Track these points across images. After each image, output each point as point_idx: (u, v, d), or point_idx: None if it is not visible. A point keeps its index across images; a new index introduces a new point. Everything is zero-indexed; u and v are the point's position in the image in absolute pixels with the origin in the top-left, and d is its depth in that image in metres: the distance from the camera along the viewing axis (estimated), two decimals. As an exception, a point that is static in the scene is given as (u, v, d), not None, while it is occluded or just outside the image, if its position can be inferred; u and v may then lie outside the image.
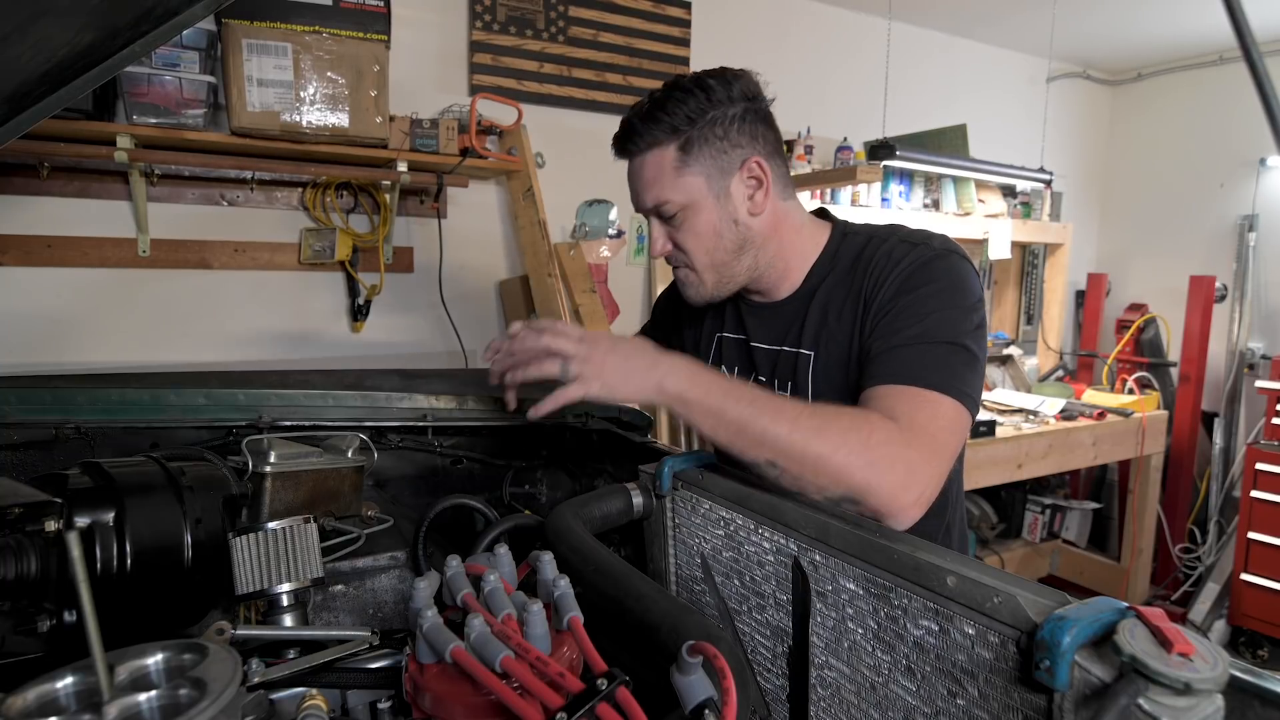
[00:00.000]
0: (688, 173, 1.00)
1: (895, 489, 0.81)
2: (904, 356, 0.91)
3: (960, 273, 0.97)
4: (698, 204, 1.02)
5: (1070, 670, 0.50)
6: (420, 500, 1.33)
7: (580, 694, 0.53)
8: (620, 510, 0.95)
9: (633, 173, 1.06)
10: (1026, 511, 3.64)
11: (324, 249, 2.25)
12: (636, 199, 1.07)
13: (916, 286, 0.96)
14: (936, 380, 0.88)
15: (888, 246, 1.02)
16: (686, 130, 0.99)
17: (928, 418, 0.86)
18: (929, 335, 0.92)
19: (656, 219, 1.06)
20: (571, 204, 2.57)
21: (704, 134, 0.99)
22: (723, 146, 1.00)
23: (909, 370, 0.90)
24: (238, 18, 1.78)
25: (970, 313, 0.95)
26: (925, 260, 0.98)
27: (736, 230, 1.04)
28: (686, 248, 1.05)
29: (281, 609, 0.81)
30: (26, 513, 0.70)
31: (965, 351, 0.92)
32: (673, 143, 1.00)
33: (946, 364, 0.90)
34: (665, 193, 1.02)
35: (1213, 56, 3.81)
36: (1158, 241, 4.14)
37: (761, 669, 0.84)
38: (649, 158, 1.02)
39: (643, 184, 1.04)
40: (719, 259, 1.05)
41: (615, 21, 2.72)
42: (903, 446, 0.83)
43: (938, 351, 0.91)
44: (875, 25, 3.28)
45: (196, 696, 0.51)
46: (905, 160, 2.81)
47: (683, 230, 1.04)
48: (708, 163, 1.00)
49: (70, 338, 2.03)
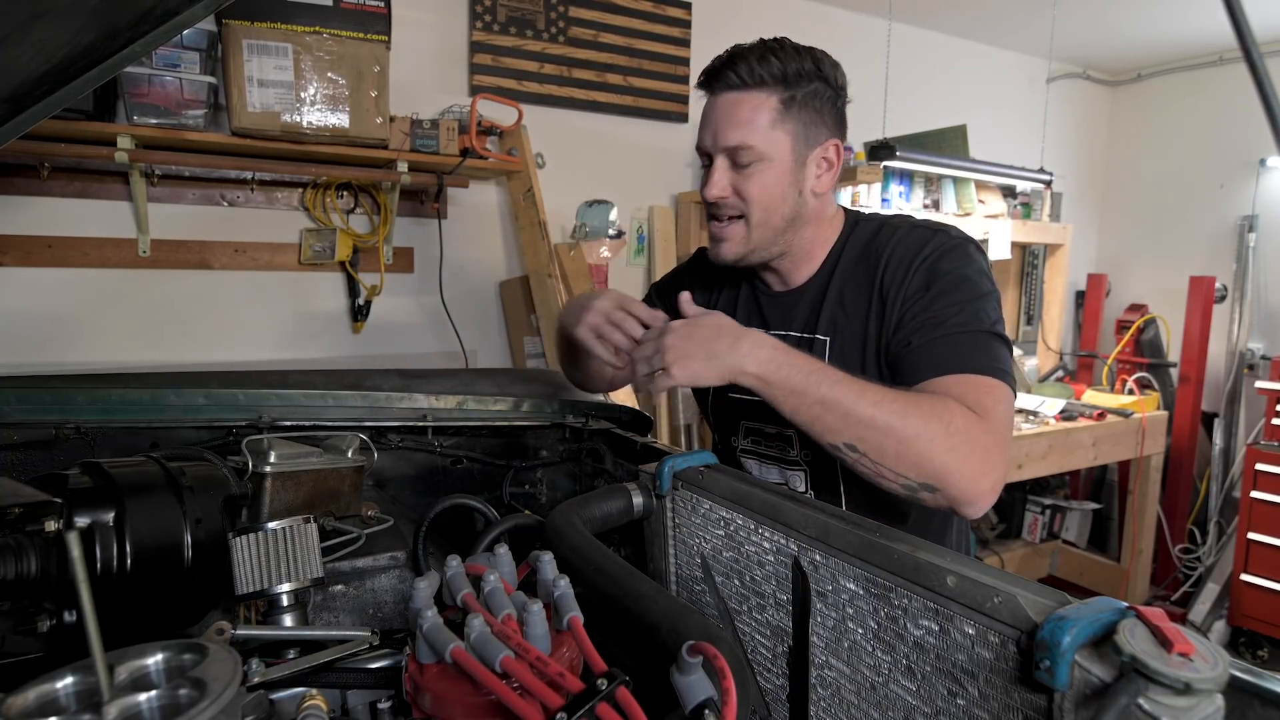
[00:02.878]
0: (781, 128, 1.01)
1: (975, 475, 0.82)
2: (953, 345, 0.92)
3: (981, 261, 1.00)
4: (777, 162, 1.02)
5: (1070, 670, 0.50)
6: (420, 500, 1.33)
7: (580, 694, 0.53)
8: (620, 510, 0.95)
9: (722, 106, 1.02)
10: (1026, 512, 3.64)
11: (324, 249, 2.25)
12: (715, 133, 1.03)
13: (945, 273, 0.97)
14: (987, 365, 0.90)
15: (902, 233, 1.03)
16: (794, 88, 1.00)
17: (992, 403, 0.87)
18: (971, 324, 0.93)
19: (724, 160, 1.03)
20: (571, 204, 2.57)
21: (807, 99, 1.01)
22: (816, 119, 1.02)
23: (962, 359, 0.91)
24: (238, 18, 1.78)
25: (996, 301, 0.97)
26: (950, 248, 0.99)
27: (798, 201, 1.05)
28: (749, 196, 1.03)
29: (281, 609, 0.81)
30: (26, 513, 0.70)
31: (1001, 339, 0.94)
32: (776, 93, 1.00)
33: (991, 350, 0.92)
34: (753, 138, 1.00)
35: (1213, 56, 3.81)
36: (1158, 242, 4.14)
37: (761, 669, 0.84)
38: (748, 97, 1.00)
39: (733, 120, 1.01)
40: (773, 222, 1.04)
41: (615, 22, 2.72)
42: (981, 433, 0.84)
43: (981, 340, 0.93)
44: (875, 26, 3.28)
45: (196, 696, 0.51)
46: (905, 161, 2.81)
47: (751, 180, 1.02)
48: (799, 128, 1.02)
49: (70, 338, 2.03)
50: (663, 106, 2.83)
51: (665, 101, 2.84)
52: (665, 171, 2.90)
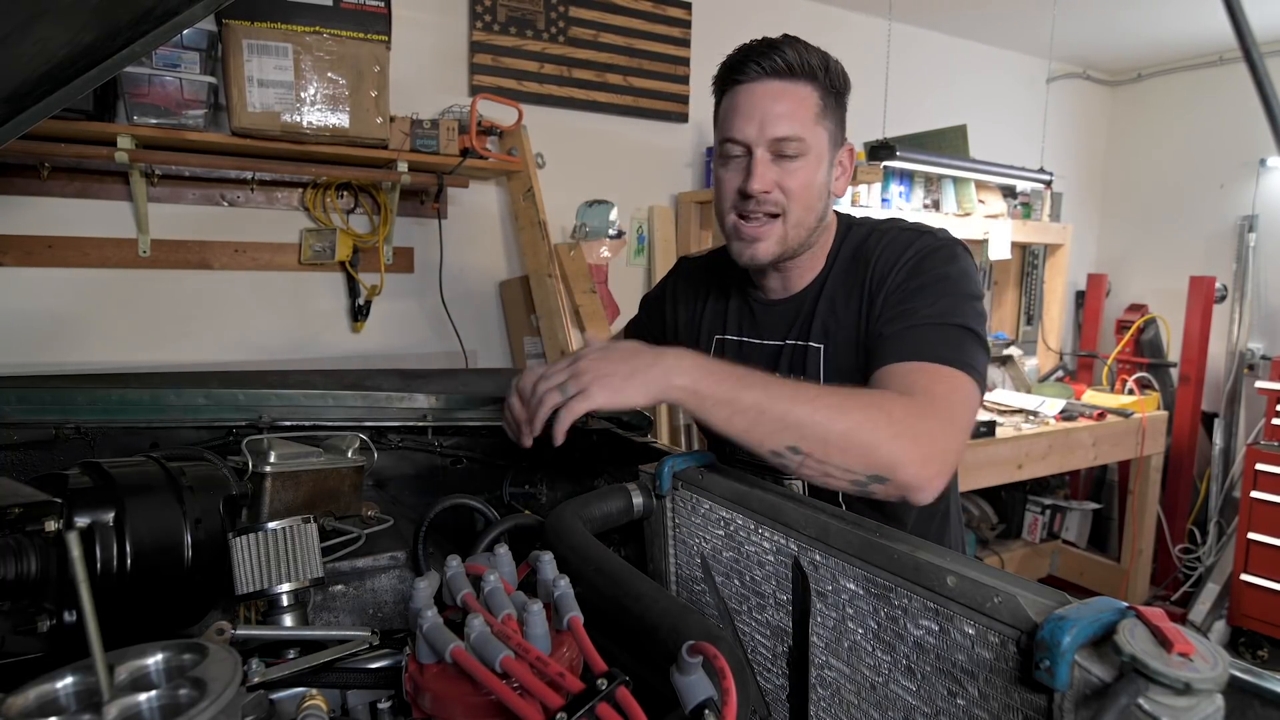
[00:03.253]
0: (821, 124, 1.01)
1: (922, 460, 0.81)
2: (918, 335, 0.93)
3: (966, 263, 1.00)
4: (817, 156, 1.02)
5: (1070, 670, 0.50)
6: (420, 500, 1.33)
7: (580, 694, 0.53)
8: (620, 510, 0.95)
9: (766, 95, 0.99)
10: (1026, 512, 3.64)
11: (324, 249, 2.25)
12: (763, 124, 0.99)
13: (926, 270, 0.98)
14: (949, 356, 0.90)
15: (890, 236, 1.04)
16: (831, 88, 1.02)
17: (945, 391, 0.87)
18: (941, 317, 0.94)
19: (766, 153, 1.00)
20: (571, 204, 2.57)
21: (838, 100, 1.03)
22: (841, 121, 1.05)
23: (924, 348, 0.91)
24: (238, 18, 1.78)
25: (976, 300, 0.97)
26: (934, 248, 1.00)
27: (826, 200, 1.05)
28: (792, 192, 1.01)
29: (281, 609, 0.81)
30: (26, 513, 0.70)
31: (975, 335, 0.94)
32: (819, 88, 1.00)
33: (959, 343, 0.92)
34: (802, 129, 0.99)
35: (1213, 56, 3.81)
36: (1158, 242, 4.14)
37: (761, 669, 0.84)
38: (794, 88, 0.99)
39: (779, 111, 0.98)
40: (808, 221, 1.04)
41: (615, 22, 2.72)
42: (924, 418, 0.83)
43: (949, 332, 0.93)
44: (875, 25, 3.28)
45: (196, 696, 0.51)
46: (905, 160, 2.81)
47: (794, 175, 1.00)
48: (834, 127, 1.03)
49: (70, 338, 2.03)
50: (663, 106, 2.83)
51: (665, 101, 2.84)
52: (665, 171, 2.90)
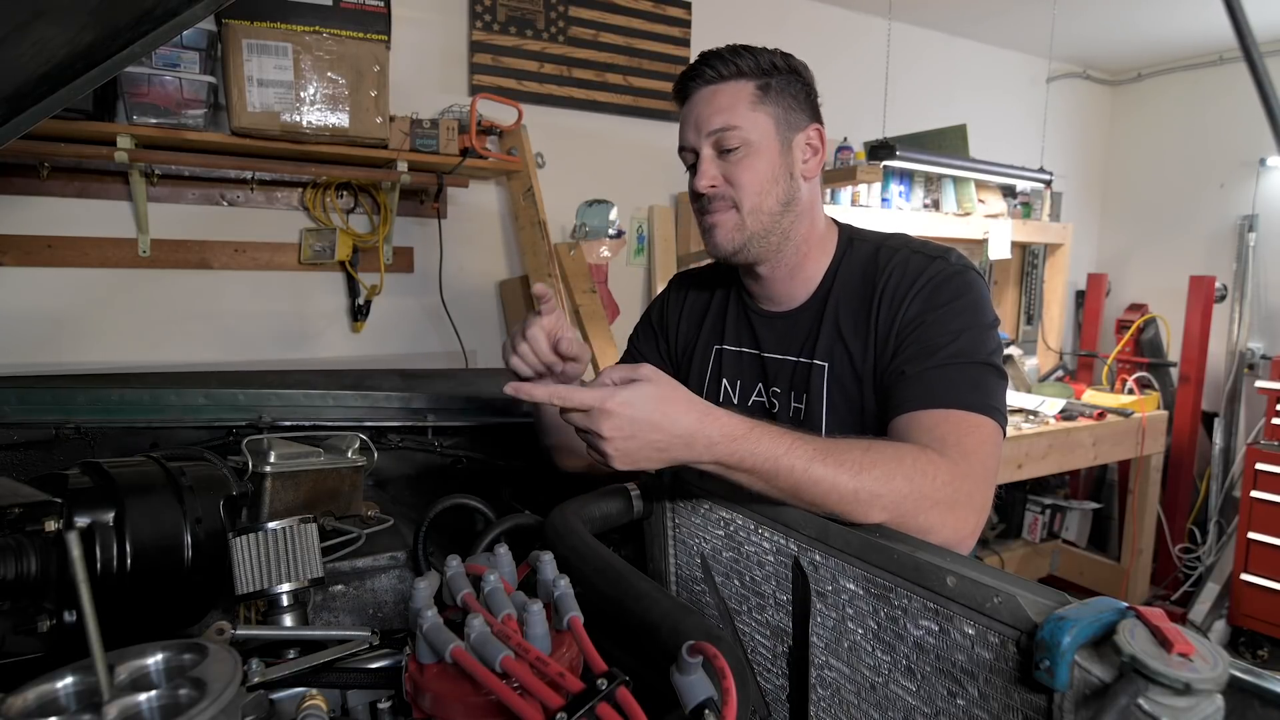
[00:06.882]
0: (761, 111, 1.03)
1: (959, 524, 0.82)
2: (943, 378, 0.91)
3: (981, 291, 0.98)
4: (761, 144, 1.03)
5: (1070, 670, 0.50)
6: (420, 500, 1.33)
7: (580, 694, 0.53)
8: (620, 510, 0.95)
9: (701, 100, 1.04)
10: (1026, 511, 3.64)
11: (324, 249, 2.25)
12: (699, 124, 1.04)
13: (944, 303, 0.96)
14: (976, 402, 0.89)
15: (901, 257, 1.02)
16: (768, 76, 1.03)
17: (975, 444, 0.87)
18: (963, 354, 0.92)
19: (711, 151, 1.04)
20: (571, 204, 2.57)
21: (781, 86, 1.04)
22: (794, 105, 1.05)
23: (949, 392, 0.90)
24: (238, 18, 1.78)
25: (994, 331, 0.96)
26: (948, 275, 0.98)
27: (789, 185, 1.05)
28: (739, 182, 1.03)
29: (281, 609, 0.81)
30: (26, 513, 0.70)
31: (996, 371, 0.93)
32: (753, 81, 1.03)
33: (983, 384, 0.91)
34: (736, 120, 1.02)
35: (1213, 56, 3.81)
36: (1158, 242, 4.14)
37: (761, 669, 0.84)
38: (726, 87, 1.03)
39: (713, 109, 1.03)
40: (767, 206, 1.04)
41: (615, 21, 2.71)
42: (962, 480, 0.83)
43: (972, 372, 0.91)
44: (875, 25, 3.28)
45: (196, 696, 0.51)
46: (905, 160, 2.81)
47: (739, 166, 1.03)
48: (780, 111, 1.04)
49: (70, 338, 2.03)
50: (663, 106, 2.83)
51: (665, 101, 2.83)
52: (665, 171, 2.90)
